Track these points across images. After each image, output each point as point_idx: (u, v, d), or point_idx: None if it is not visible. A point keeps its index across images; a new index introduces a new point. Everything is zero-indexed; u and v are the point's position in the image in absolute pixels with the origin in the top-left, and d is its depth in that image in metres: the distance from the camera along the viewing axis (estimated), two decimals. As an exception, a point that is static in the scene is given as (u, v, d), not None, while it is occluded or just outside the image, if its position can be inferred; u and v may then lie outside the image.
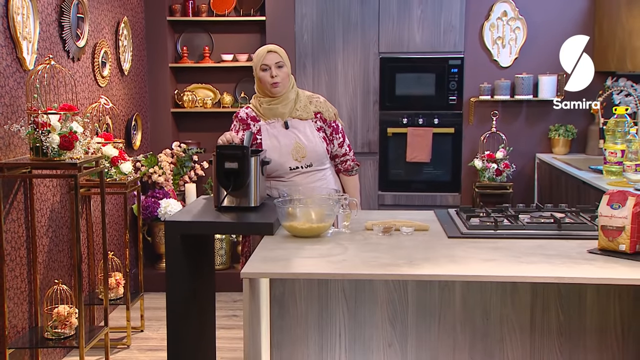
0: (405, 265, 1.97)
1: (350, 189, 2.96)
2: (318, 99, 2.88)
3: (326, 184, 2.83)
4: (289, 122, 2.78)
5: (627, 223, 2.00)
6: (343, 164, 2.92)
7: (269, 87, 2.76)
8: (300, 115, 2.79)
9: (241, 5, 4.84)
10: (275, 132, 2.77)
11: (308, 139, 2.77)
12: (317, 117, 2.82)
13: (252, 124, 2.81)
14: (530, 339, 2.29)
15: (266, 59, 2.75)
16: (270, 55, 2.75)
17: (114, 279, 3.57)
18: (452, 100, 4.55)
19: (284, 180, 2.79)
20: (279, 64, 2.74)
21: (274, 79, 2.73)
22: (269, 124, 2.79)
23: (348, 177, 2.95)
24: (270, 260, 2.05)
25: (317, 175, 2.82)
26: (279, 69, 2.74)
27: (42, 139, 2.77)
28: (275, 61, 2.74)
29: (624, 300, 2.25)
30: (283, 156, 2.75)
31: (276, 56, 2.75)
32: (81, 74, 3.65)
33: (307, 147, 2.76)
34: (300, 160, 2.77)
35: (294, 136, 2.77)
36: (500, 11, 4.66)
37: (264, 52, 2.77)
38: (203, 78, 4.95)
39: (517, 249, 2.11)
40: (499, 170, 4.44)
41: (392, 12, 4.52)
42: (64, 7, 3.35)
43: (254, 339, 2.05)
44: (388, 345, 2.33)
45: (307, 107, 2.82)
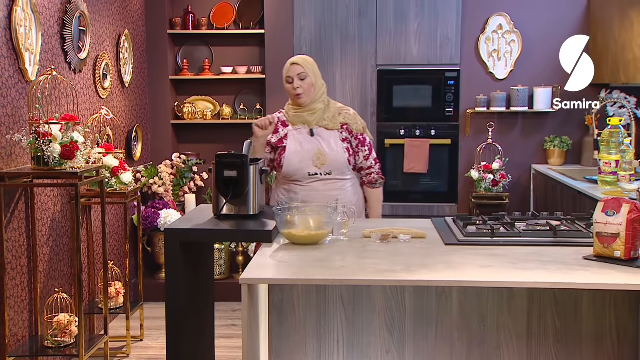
0: (402, 271, 1.99)
1: (373, 201, 3.05)
2: (348, 111, 2.98)
3: (343, 194, 2.90)
4: (315, 130, 2.90)
5: (622, 230, 2.01)
6: (368, 176, 3.02)
7: (293, 98, 2.91)
8: (327, 125, 2.90)
9: (241, 19, 4.91)
10: (301, 138, 2.89)
11: (331, 147, 2.88)
12: (344, 129, 2.92)
13: (281, 128, 2.93)
14: (527, 345, 2.31)
15: (289, 71, 2.89)
16: (293, 67, 2.88)
17: (114, 288, 3.59)
18: (448, 112, 4.61)
19: (302, 184, 2.89)
20: (301, 76, 2.86)
21: (297, 90, 2.86)
22: (296, 129, 2.92)
23: (371, 189, 3.05)
24: (268, 266, 2.08)
25: (336, 185, 2.91)
26: (301, 80, 2.86)
27: (44, 149, 2.80)
28: (297, 73, 2.86)
29: (619, 307, 2.27)
30: (304, 161, 2.86)
31: (299, 68, 2.86)
32: (82, 86, 3.70)
33: (329, 155, 2.87)
34: (319, 167, 2.87)
35: (317, 143, 2.88)
36: (495, 24, 4.74)
37: (288, 65, 2.91)
38: (203, 90, 5.01)
39: (513, 256, 2.13)
40: (495, 180, 4.48)
41: (390, 26, 4.59)
42: (66, 19, 3.41)
43: (253, 345, 2.06)
44: (386, 352, 2.35)
45: (335, 118, 2.92)
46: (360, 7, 4.59)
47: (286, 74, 2.90)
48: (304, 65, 2.87)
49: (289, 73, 2.88)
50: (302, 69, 2.86)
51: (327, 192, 2.86)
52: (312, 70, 2.89)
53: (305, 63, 2.89)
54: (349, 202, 2.88)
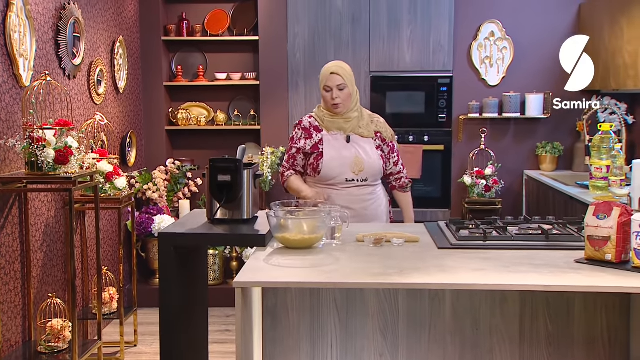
0: (395, 274, 1.99)
1: (405, 205, 3.11)
2: (378, 119, 3.02)
3: (376, 198, 2.97)
4: (351, 137, 2.92)
5: (612, 233, 2.03)
6: (398, 181, 3.07)
7: (330, 107, 2.91)
8: (362, 133, 2.93)
9: (235, 26, 4.94)
10: (337, 144, 2.91)
11: (368, 154, 2.90)
12: (377, 136, 2.96)
13: (315, 133, 2.95)
14: (520, 349, 2.32)
15: (328, 80, 2.88)
16: (332, 77, 2.87)
17: (108, 293, 3.59)
18: (441, 118, 4.64)
19: (337, 189, 2.92)
20: (340, 87, 2.86)
21: (335, 101, 2.87)
22: (332, 135, 2.93)
23: (403, 193, 3.10)
24: (262, 270, 2.07)
25: (368, 189, 2.95)
26: (340, 91, 2.86)
27: (38, 154, 2.81)
28: (337, 84, 2.86)
29: (610, 310, 2.30)
30: (342, 167, 2.89)
31: (338, 78, 2.86)
32: (77, 92, 3.71)
33: (366, 162, 2.90)
34: (357, 174, 2.90)
35: (355, 150, 2.91)
36: (487, 31, 4.78)
37: (327, 74, 2.89)
38: (197, 96, 5.02)
39: (505, 259, 2.13)
40: (488, 186, 4.51)
41: (383, 33, 4.63)
42: (61, 26, 3.42)
43: (247, 349, 2.06)
44: (379, 355, 2.36)
45: (369, 125, 2.95)
46: (354, 14, 4.62)
47: (324, 82, 2.88)
48: (344, 76, 2.87)
49: (327, 82, 2.87)
50: (342, 80, 2.86)
51: (360, 196, 2.92)
52: (350, 80, 2.89)
53: (344, 73, 2.88)
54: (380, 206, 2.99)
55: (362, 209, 2.93)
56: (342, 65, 2.93)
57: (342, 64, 2.93)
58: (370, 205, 2.95)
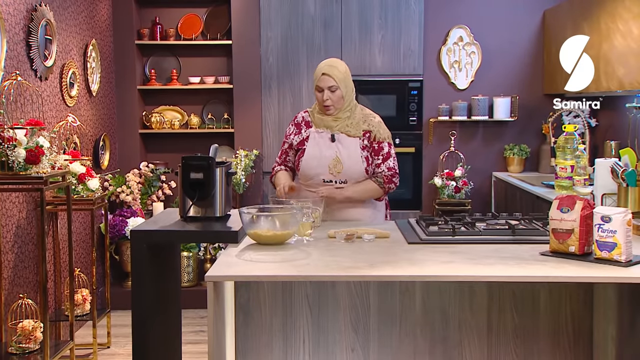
0: (366, 267, 2.03)
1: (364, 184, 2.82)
2: (373, 118, 2.87)
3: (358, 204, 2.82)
4: (336, 136, 2.82)
5: (576, 226, 2.08)
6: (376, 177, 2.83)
7: (321, 107, 2.82)
8: (349, 132, 2.81)
9: (208, 30, 4.97)
10: (321, 143, 2.83)
11: (350, 156, 2.79)
12: (365, 136, 2.82)
13: (304, 129, 2.88)
14: (488, 341, 2.38)
15: (320, 80, 2.78)
16: (324, 78, 2.77)
17: (80, 295, 3.57)
18: (412, 121, 4.73)
19: (314, 190, 2.81)
20: (331, 88, 2.76)
21: (325, 102, 2.78)
22: (318, 133, 2.84)
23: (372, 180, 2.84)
24: (234, 265, 2.09)
25: None
26: (332, 92, 2.77)
27: (8, 153, 2.79)
28: (328, 85, 2.76)
29: (574, 302, 2.37)
30: (320, 167, 2.80)
31: (330, 80, 2.76)
32: (49, 94, 3.70)
33: (345, 164, 2.79)
34: (335, 175, 2.80)
35: (336, 150, 2.80)
36: (456, 36, 4.90)
37: (319, 74, 2.79)
38: (171, 100, 5.04)
39: (473, 253, 2.17)
40: (457, 187, 4.61)
41: (354, 37, 4.71)
42: (32, 27, 3.42)
43: (219, 345, 2.07)
44: (351, 350, 2.39)
45: (359, 125, 2.83)
46: (326, 19, 4.70)
47: (316, 82, 2.79)
48: (336, 77, 2.76)
49: (319, 82, 2.78)
50: (333, 82, 2.76)
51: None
52: (343, 81, 2.78)
53: (337, 74, 2.77)
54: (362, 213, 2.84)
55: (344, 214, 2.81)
56: (336, 65, 2.81)
57: (336, 64, 2.82)
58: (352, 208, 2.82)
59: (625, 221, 2.01)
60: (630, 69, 3.60)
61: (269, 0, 4.70)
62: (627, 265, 2.00)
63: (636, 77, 3.54)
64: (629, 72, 3.61)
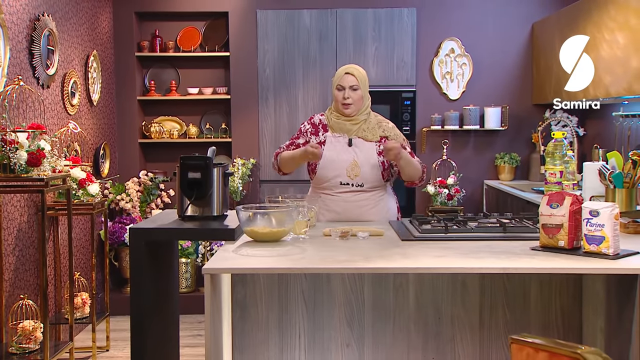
0: (360, 261, 2.07)
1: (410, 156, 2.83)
2: (387, 124, 2.93)
3: (374, 204, 2.87)
4: (353, 141, 2.85)
5: (565, 221, 2.13)
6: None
7: (340, 107, 2.86)
8: (366, 136, 2.85)
9: (206, 42, 5.09)
10: (338, 146, 2.85)
11: (367, 160, 2.83)
12: (382, 142, 2.86)
13: (321, 132, 2.91)
14: (480, 336, 2.42)
15: (342, 79, 2.84)
16: (346, 77, 2.83)
17: (80, 298, 3.62)
18: (405, 130, 4.83)
19: (331, 194, 2.86)
20: (353, 87, 2.82)
21: (346, 100, 2.82)
22: (335, 137, 2.87)
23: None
24: (231, 259, 2.13)
25: (365, 195, 2.86)
26: (353, 91, 2.82)
27: (10, 156, 2.82)
28: (350, 84, 2.82)
29: (564, 296, 2.42)
30: (337, 170, 2.83)
31: (352, 79, 2.82)
32: (50, 101, 3.79)
33: (363, 168, 2.82)
34: (352, 178, 2.83)
35: (354, 154, 2.83)
36: (448, 48, 5.02)
37: (342, 73, 2.86)
38: (170, 110, 5.14)
39: (466, 248, 2.23)
40: (450, 195, 4.69)
41: (349, 49, 4.83)
42: (35, 36, 3.51)
43: (216, 340, 2.11)
44: (346, 345, 2.43)
45: (375, 130, 2.87)
46: (321, 32, 4.82)
47: (338, 81, 2.84)
48: (358, 77, 2.82)
49: (341, 81, 2.83)
50: (355, 81, 2.82)
51: (356, 202, 2.85)
52: (364, 82, 2.85)
53: (359, 75, 2.84)
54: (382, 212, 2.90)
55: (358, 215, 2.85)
56: (358, 67, 2.89)
57: (358, 67, 2.89)
58: (368, 210, 2.86)
59: (613, 215, 2.06)
60: (616, 77, 3.70)
61: (266, 14, 4.83)
62: (615, 257, 2.05)
63: (622, 85, 3.64)
64: (615, 80, 3.71)
